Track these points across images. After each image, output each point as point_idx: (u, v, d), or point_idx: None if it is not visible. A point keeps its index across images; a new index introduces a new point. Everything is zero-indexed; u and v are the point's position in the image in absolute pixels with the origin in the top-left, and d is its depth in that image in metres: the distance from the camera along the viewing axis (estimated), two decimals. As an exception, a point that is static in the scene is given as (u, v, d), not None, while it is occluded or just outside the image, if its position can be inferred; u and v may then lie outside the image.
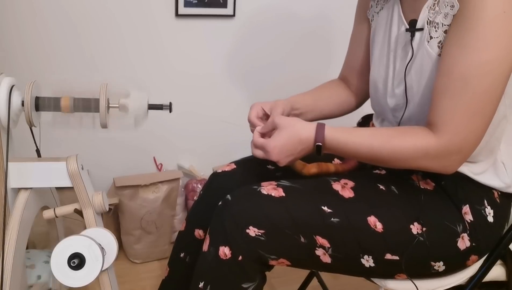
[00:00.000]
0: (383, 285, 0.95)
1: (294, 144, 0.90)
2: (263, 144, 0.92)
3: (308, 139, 0.89)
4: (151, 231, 1.73)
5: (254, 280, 0.92)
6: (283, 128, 0.91)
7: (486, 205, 0.93)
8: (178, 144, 1.89)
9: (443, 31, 0.85)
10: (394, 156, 0.86)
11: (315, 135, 0.89)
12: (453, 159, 0.84)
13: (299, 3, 1.85)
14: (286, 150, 0.90)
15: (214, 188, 1.12)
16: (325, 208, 0.89)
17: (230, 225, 0.89)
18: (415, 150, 0.84)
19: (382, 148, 0.87)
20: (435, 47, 0.87)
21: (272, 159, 0.92)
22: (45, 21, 1.58)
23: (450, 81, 0.81)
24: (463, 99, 0.80)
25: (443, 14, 0.85)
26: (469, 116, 0.81)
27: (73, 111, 0.96)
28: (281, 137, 0.90)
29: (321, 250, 0.89)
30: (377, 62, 1.03)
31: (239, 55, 1.85)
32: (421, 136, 0.85)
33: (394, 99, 0.99)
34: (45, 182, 0.99)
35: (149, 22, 1.69)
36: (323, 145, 0.89)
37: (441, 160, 0.84)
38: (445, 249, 0.90)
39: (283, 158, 0.91)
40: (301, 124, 0.91)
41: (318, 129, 0.89)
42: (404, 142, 0.85)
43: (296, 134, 0.90)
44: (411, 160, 0.86)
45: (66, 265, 0.91)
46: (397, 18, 0.97)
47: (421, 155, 0.84)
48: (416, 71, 0.91)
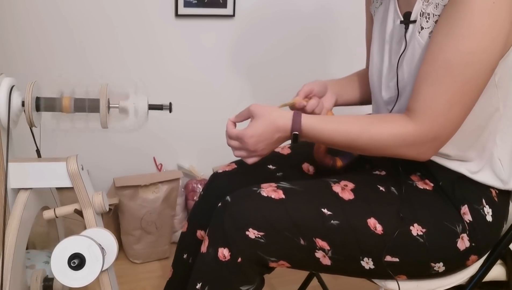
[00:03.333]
0: (383, 285, 0.95)
1: (271, 132, 0.89)
2: (238, 134, 0.91)
3: (285, 127, 0.89)
4: (151, 231, 1.73)
5: (253, 283, 0.91)
6: (259, 116, 0.90)
7: (485, 204, 0.92)
8: (178, 144, 1.89)
9: (434, 21, 0.85)
10: (371, 143, 0.86)
11: (292, 123, 0.88)
12: (429, 146, 0.85)
13: (299, 3, 1.85)
14: (263, 138, 0.89)
15: (214, 188, 1.12)
16: (325, 210, 0.89)
17: (230, 227, 0.89)
18: (393, 137, 0.85)
19: (360, 136, 0.87)
20: (425, 37, 0.87)
21: (249, 149, 0.91)
22: (44, 23, 1.58)
23: (433, 68, 0.82)
24: (444, 87, 0.81)
25: (434, 5, 0.85)
26: (449, 104, 0.81)
27: (74, 112, 0.96)
28: (258, 125, 0.89)
29: (321, 253, 0.89)
30: (375, 56, 1.04)
31: (239, 55, 1.85)
32: (399, 124, 0.85)
33: (388, 92, 0.99)
34: (45, 182, 0.99)
35: (149, 22, 1.69)
36: (299, 133, 0.88)
37: (417, 147, 0.85)
38: (445, 250, 0.90)
39: (260, 147, 0.90)
40: (277, 113, 0.90)
41: (294, 117, 0.89)
42: (382, 129, 0.86)
43: (273, 123, 0.89)
44: (389, 148, 0.86)
45: (66, 265, 0.91)
46: (392, 12, 0.97)
47: (399, 143, 0.85)
48: (407, 63, 0.91)
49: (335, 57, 1.98)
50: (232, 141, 0.93)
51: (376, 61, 1.03)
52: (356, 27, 1.94)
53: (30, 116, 0.93)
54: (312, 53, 1.93)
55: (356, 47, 1.97)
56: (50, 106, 0.96)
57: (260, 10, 1.81)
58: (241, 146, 0.92)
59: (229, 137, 0.93)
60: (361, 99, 1.18)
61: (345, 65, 1.97)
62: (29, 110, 0.92)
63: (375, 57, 1.04)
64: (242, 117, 0.95)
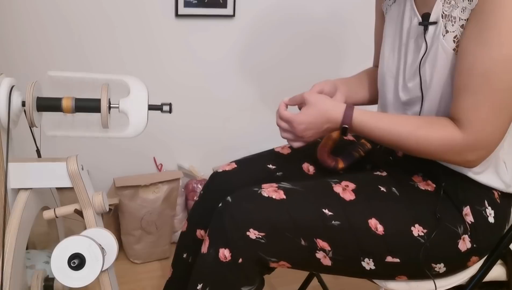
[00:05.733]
0: (384, 285, 0.95)
1: (321, 122, 0.91)
2: (290, 118, 0.92)
3: (336, 119, 0.90)
4: (151, 231, 1.72)
5: (254, 283, 0.91)
6: (312, 104, 0.91)
7: (487, 205, 0.92)
8: (178, 144, 1.89)
9: (460, 25, 0.84)
10: (419, 146, 0.86)
11: (343, 116, 0.89)
12: (477, 154, 0.84)
13: (299, 3, 1.85)
14: (312, 127, 0.91)
15: (214, 187, 1.12)
16: (326, 210, 0.89)
17: (230, 227, 0.89)
18: (442, 143, 0.85)
19: (409, 137, 0.87)
20: (450, 42, 0.86)
21: (297, 134, 0.92)
22: (44, 23, 1.58)
23: (471, 78, 0.81)
24: (484, 96, 0.80)
25: (461, 8, 0.84)
26: (492, 112, 0.81)
27: (74, 112, 0.96)
28: (309, 113, 0.91)
29: (322, 253, 0.89)
30: (387, 55, 1.03)
31: (239, 55, 1.85)
32: (448, 130, 0.84)
33: (406, 93, 0.98)
34: (45, 183, 0.98)
35: (149, 22, 1.69)
36: (349, 127, 0.89)
37: (466, 155, 0.84)
38: (446, 251, 0.90)
39: (307, 134, 0.92)
40: (330, 103, 0.91)
41: (346, 110, 0.89)
42: (431, 133, 0.85)
43: (324, 113, 0.90)
44: (436, 153, 0.86)
45: (66, 266, 0.91)
46: (409, 11, 0.96)
47: (447, 149, 0.85)
48: (430, 65, 0.90)
49: (337, 58, 1.98)
50: (282, 122, 0.95)
51: (389, 60, 1.02)
52: (357, 27, 1.94)
53: (31, 116, 0.93)
54: (312, 53, 1.93)
55: (356, 47, 1.97)
56: (51, 106, 0.95)
57: (260, 10, 1.81)
58: (290, 129, 0.93)
59: (280, 118, 0.95)
60: (370, 99, 1.17)
61: (345, 65, 1.98)
62: (29, 110, 0.92)
63: (386, 56, 1.03)
64: (295, 101, 0.96)
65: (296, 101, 0.96)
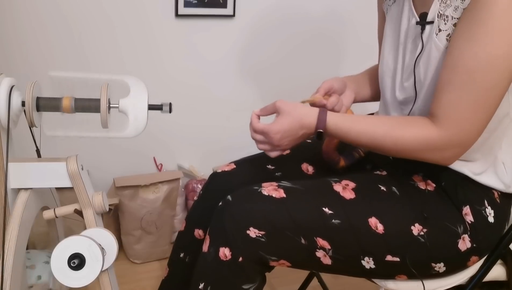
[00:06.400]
0: (384, 285, 0.95)
1: (296, 129, 0.91)
2: (264, 129, 0.92)
3: (310, 125, 0.90)
4: (151, 231, 1.72)
5: (255, 281, 0.91)
6: (286, 112, 0.91)
7: (487, 205, 0.92)
8: (178, 144, 1.89)
9: (453, 24, 0.85)
10: (395, 146, 0.87)
11: (317, 121, 0.89)
12: (453, 151, 0.85)
13: (298, 3, 1.85)
14: (288, 134, 0.91)
15: (213, 188, 1.12)
16: (326, 209, 0.89)
17: (231, 226, 0.89)
18: (418, 141, 0.85)
19: (385, 138, 0.87)
20: (443, 40, 0.86)
21: (273, 143, 0.92)
22: (44, 23, 1.58)
23: (455, 74, 0.81)
24: (467, 93, 0.80)
25: (453, 7, 0.84)
26: (472, 109, 0.81)
27: (74, 112, 0.96)
28: (284, 122, 0.91)
29: (322, 252, 0.89)
30: (386, 55, 1.03)
31: (239, 55, 1.85)
32: (424, 128, 0.85)
33: (403, 93, 0.98)
34: (45, 183, 0.99)
35: (149, 22, 1.69)
36: (324, 131, 0.89)
37: (441, 152, 0.85)
38: (446, 251, 0.90)
39: (284, 143, 0.92)
40: (303, 110, 0.91)
41: (320, 115, 0.89)
42: (406, 132, 0.86)
43: (298, 120, 0.90)
44: (413, 151, 0.86)
45: (66, 266, 0.91)
46: (407, 11, 0.97)
47: (423, 147, 0.85)
48: (424, 64, 0.91)
49: (337, 58, 1.98)
50: (257, 135, 0.94)
51: (387, 60, 1.03)
52: (357, 26, 1.94)
53: (31, 116, 0.93)
54: (312, 53, 1.93)
55: (356, 46, 1.97)
56: (51, 106, 0.96)
57: (260, 10, 1.81)
58: (266, 140, 0.93)
59: (254, 131, 0.95)
60: (375, 96, 1.17)
61: (345, 64, 1.98)
62: (29, 110, 0.92)
63: (386, 56, 1.03)
64: (267, 112, 0.96)
65: (268, 111, 0.95)
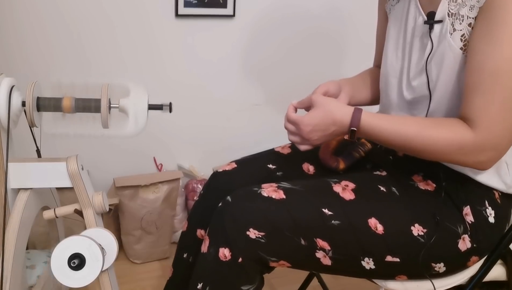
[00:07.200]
0: (384, 285, 0.95)
1: (327, 124, 0.89)
2: (297, 120, 0.91)
3: (343, 122, 0.89)
4: (151, 231, 1.72)
5: (254, 282, 0.91)
6: (319, 106, 0.90)
7: (487, 205, 0.92)
8: (178, 144, 1.89)
9: (468, 24, 0.84)
10: (427, 147, 0.85)
11: (351, 119, 0.88)
12: (488, 155, 0.83)
13: (299, 2, 1.85)
14: (318, 129, 0.90)
15: (214, 187, 1.12)
16: (326, 210, 0.89)
17: (230, 227, 0.89)
18: (450, 143, 0.83)
19: (417, 139, 0.86)
20: (457, 40, 0.86)
21: (303, 136, 0.92)
22: (44, 23, 1.58)
23: (481, 77, 0.80)
24: (496, 95, 0.80)
25: (469, 7, 0.83)
26: (503, 111, 0.80)
27: (75, 112, 0.96)
28: (315, 115, 0.90)
29: (321, 253, 0.89)
30: (390, 55, 1.02)
31: (239, 55, 1.85)
32: (457, 130, 0.83)
33: (411, 92, 0.97)
34: (45, 183, 0.99)
35: (149, 22, 1.69)
36: (357, 129, 0.88)
37: (476, 155, 0.83)
38: (446, 251, 0.90)
39: (314, 137, 0.91)
40: (337, 106, 0.90)
41: (355, 113, 0.88)
42: (439, 134, 0.84)
43: (330, 115, 0.89)
44: (445, 154, 0.85)
45: (66, 266, 0.91)
46: (413, 10, 0.96)
47: (456, 149, 0.83)
48: (436, 64, 0.90)
49: (338, 57, 1.98)
50: (289, 125, 0.94)
51: (392, 60, 1.02)
52: (358, 24, 1.94)
53: (31, 116, 0.93)
54: (313, 53, 1.93)
55: (357, 45, 1.97)
56: (51, 106, 0.96)
57: (260, 10, 1.81)
58: (296, 131, 0.93)
59: (287, 120, 0.95)
60: (372, 99, 1.17)
61: (346, 63, 1.98)
62: (30, 110, 0.92)
63: (390, 56, 1.02)
64: (303, 104, 0.96)
65: (305, 104, 0.96)
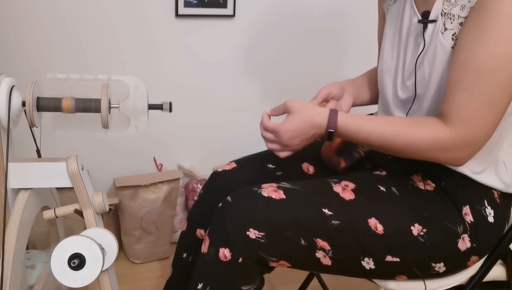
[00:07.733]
0: (384, 285, 0.95)
1: (307, 128, 0.90)
2: (275, 127, 0.92)
3: (321, 125, 0.89)
4: (151, 231, 1.72)
5: (254, 282, 0.92)
6: (296, 112, 0.91)
7: (487, 205, 0.92)
8: (178, 144, 1.89)
9: (459, 23, 0.84)
10: (406, 146, 0.86)
11: (328, 121, 0.89)
12: (466, 151, 0.84)
13: (299, 1, 1.85)
14: (298, 134, 0.90)
15: (214, 187, 1.12)
16: (326, 210, 0.89)
17: (230, 227, 0.89)
18: (429, 141, 0.84)
19: (395, 138, 0.86)
20: (449, 39, 0.86)
21: (283, 143, 0.92)
22: (44, 23, 1.58)
23: (465, 74, 0.81)
24: (477, 92, 0.80)
25: (460, 6, 0.84)
26: (483, 109, 0.80)
27: (75, 112, 0.96)
28: (294, 121, 0.90)
29: (322, 253, 0.89)
30: (386, 54, 1.03)
31: (239, 55, 1.85)
32: (435, 128, 0.84)
33: (405, 92, 0.98)
34: (45, 183, 0.99)
35: (149, 22, 1.69)
36: (335, 131, 0.89)
37: (454, 152, 0.84)
38: (446, 250, 0.90)
39: (294, 143, 0.91)
40: (314, 110, 0.91)
41: (331, 115, 0.89)
42: (418, 132, 0.85)
43: (309, 119, 0.90)
44: (424, 151, 0.86)
45: (66, 266, 0.91)
46: (409, 10, 0.97)
47: (434, 147, 0.84)
48: (428, 63, 0.90)
49: (339, 57, 1.98)
50: (267, 133, 0.94)
51: (387, 59, 1.02)
52: (359, 24, 1.94)
53: (31, 116, 0.93)
54: (313, 52, 1.93)
55: (358, 45, 1.97)
56: (51, 106, 0.96)
57: (260, 9, 1.81)
58: (276, 139, 0.93)
59: (264, 129, 0.95)
60: (374, 98, 1.17)
61: (347, 63, 1.98)
62: (30, 110, 0.92)
63: (385, 55, 1.03)
64: (278, 112, 0.96)
65: (279, 111, 0.95)
